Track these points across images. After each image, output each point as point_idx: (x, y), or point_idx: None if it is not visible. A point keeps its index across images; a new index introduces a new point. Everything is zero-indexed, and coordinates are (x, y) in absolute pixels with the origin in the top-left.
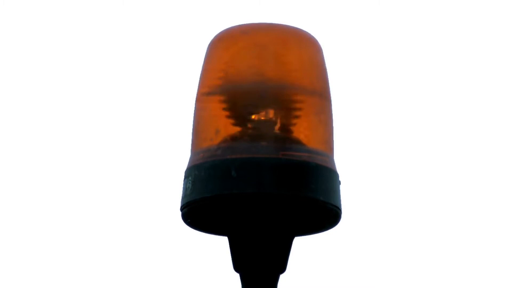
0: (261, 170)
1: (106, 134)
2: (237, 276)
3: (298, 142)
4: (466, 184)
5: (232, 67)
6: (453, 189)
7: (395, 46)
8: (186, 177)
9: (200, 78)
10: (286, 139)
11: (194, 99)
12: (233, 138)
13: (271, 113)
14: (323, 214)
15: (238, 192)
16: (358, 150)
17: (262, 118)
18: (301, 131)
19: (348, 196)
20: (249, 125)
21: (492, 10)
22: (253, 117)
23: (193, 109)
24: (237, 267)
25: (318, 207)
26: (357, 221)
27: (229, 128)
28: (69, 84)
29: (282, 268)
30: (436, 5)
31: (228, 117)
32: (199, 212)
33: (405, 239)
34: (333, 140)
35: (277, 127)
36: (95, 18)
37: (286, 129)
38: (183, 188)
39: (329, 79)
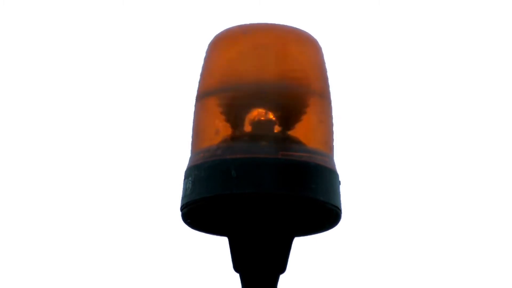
0: (261, 170)
1: (106, 134)
2: (237, 276)
3: (298, 142)
4: (465, 184)
5: (232, 67)
6: (453, 188)
7: (395, 46)
8: (186, 177)
9: (200, 78)
10: (286, 139)
11: (194, 99)
12: (233, 138)
13: (270, 113)
14: (323, 214)
15: (238, 192)
16: (358, 150)
17: (262, 118)
18: (301, 131)
19: (348, 196)
20: (249, 125)
21: (492, 10)
22: (253, 117)
23: (193, 109)
24: (237, 267)
25: (318, 207)
26: (357, 221)
27: (229, 128)
28: (69, 84)
29: (282, 268)
30: (436, 5)
31: (228, 117)
32: (199, 212)
33: (405, 239)
34: (333, 140)
35: (276, 127)
36: (95, 18)
37: (286, 129)
38: (183, 188)
39: (329, 79)
